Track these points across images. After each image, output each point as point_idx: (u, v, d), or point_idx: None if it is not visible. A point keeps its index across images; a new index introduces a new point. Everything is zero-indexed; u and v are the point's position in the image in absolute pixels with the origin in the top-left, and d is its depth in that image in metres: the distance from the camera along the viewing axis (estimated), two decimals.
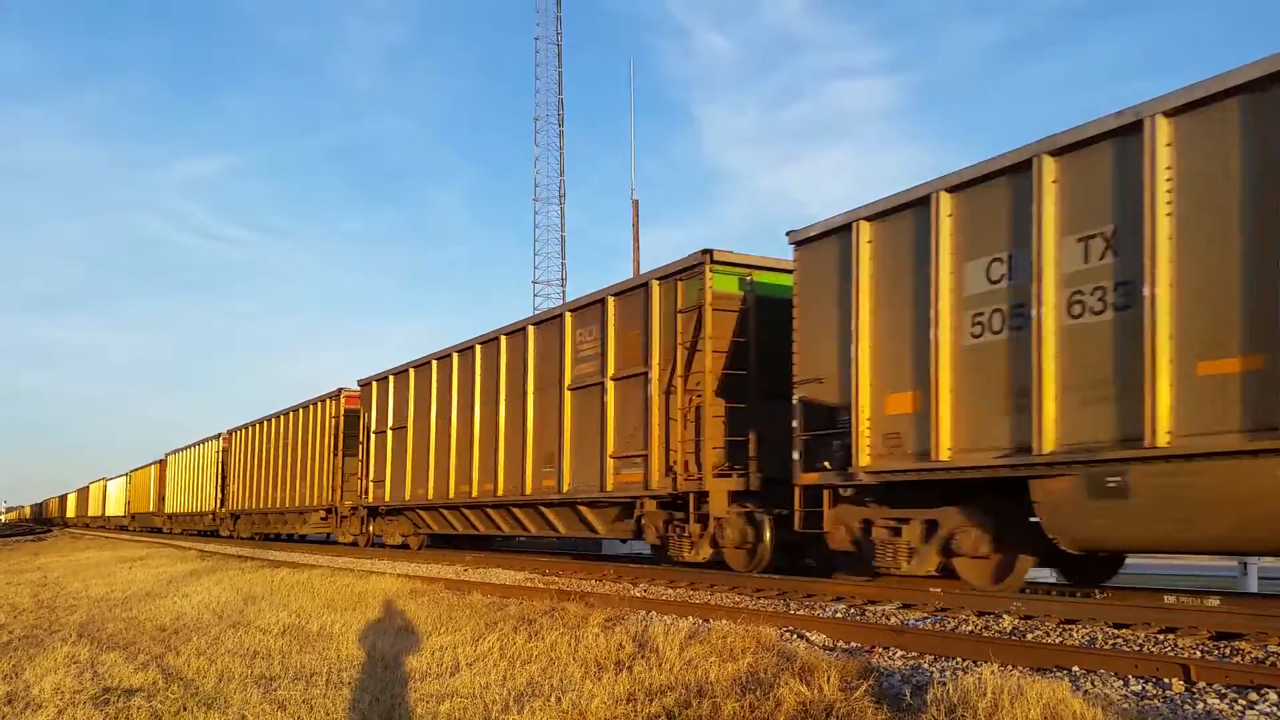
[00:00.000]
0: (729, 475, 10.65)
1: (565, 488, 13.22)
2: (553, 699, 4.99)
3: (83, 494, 72.38)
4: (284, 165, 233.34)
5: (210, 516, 33.76)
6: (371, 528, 21.03)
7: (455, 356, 16.55)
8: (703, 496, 10.79)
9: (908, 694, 4.65)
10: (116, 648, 7.84)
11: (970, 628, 7.10)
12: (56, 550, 30.83)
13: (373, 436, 19.99)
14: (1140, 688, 4.89)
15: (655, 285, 11.69)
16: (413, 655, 6.55)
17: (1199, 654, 5.79)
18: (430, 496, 17.16)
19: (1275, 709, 4.36)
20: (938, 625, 7.25)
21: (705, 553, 11.10)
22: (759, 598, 9.36)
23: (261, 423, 28.39)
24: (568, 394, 13.21)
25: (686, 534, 11.11)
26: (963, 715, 4.11)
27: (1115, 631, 6.60)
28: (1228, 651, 5.84)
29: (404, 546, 20.21)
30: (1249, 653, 5.76)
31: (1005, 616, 7.39)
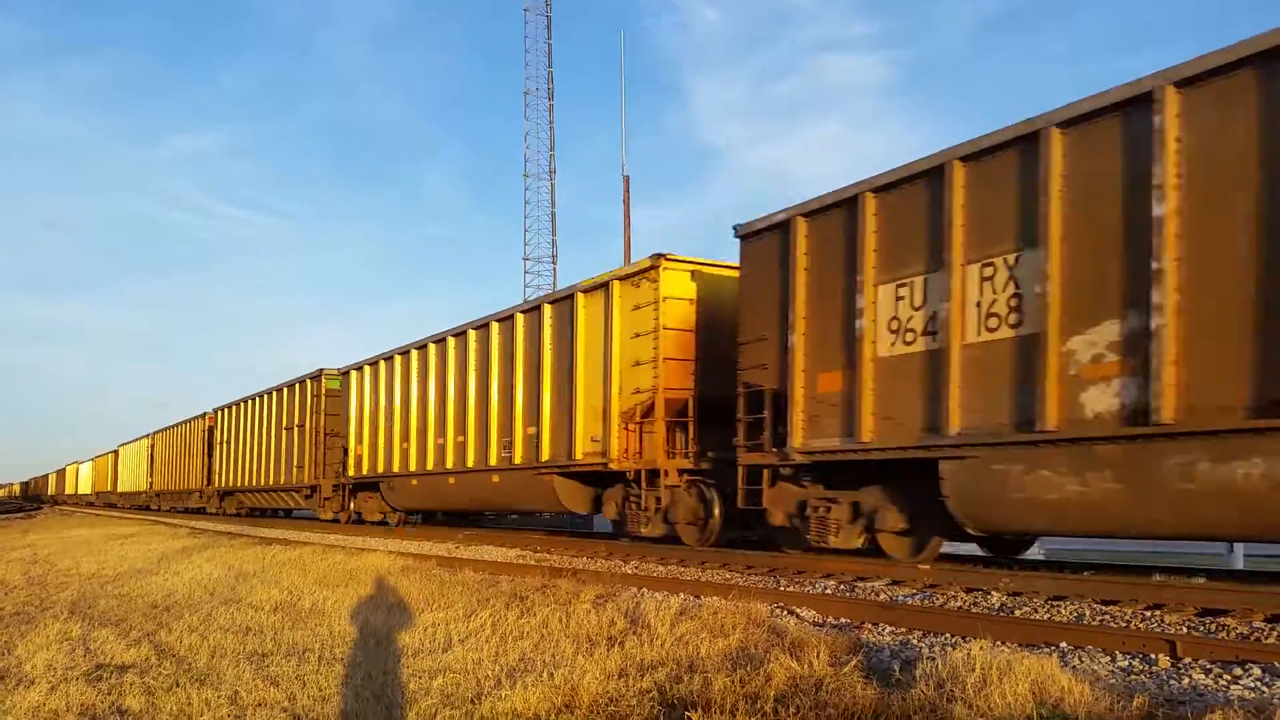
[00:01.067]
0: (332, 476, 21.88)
1: (282, 480, 25.10)
2: (545, 674, 5.01)
3: (61, 474, 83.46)
4: (275, 142, 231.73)
5: (145, 494, 44.50)
6: (223, 504, 31.64)
7: (253, 401, 27.96)
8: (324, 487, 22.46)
9: (897, 669, 4.68)
10: (108, 625, 7.84)
11: (959, 604, 7.17)
12: (46, 528, 30.79)
13: (217, 445, 31.60)
14: (1127, 663, 4.94)
15: (308, 383, 23.43)
16: (405, 631, 6.57)
17: (1185, 630, 5.85)
18: (239, 484, 29.10)
19: (1259, 683, 4.41)
20: (927, 602, 7.32)
21: (329, 514, 22.11)
22: (750, 575, 9.42)
23: (171, 429, 39.29)
24: (282, 432, 25.14)
25: (322, 504, 22.18)
26: (951, 690, 4.14)
27: (1103, 608, 6.67)
28: (1213, 628, 5.91)
29: (237, 514, 30.48)
30: (1234, 629, 5.82)
31: (994, 593, 7.46)
